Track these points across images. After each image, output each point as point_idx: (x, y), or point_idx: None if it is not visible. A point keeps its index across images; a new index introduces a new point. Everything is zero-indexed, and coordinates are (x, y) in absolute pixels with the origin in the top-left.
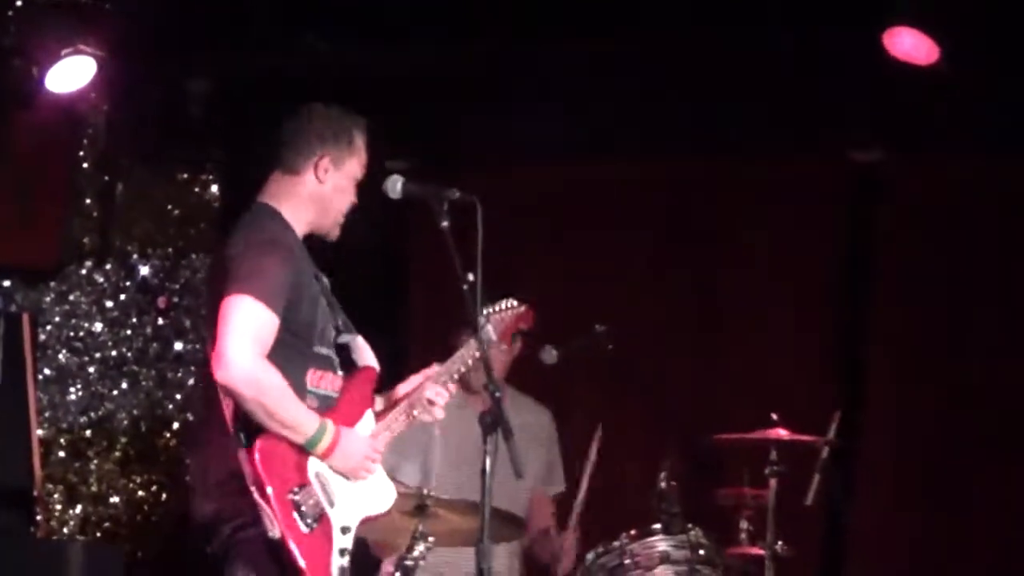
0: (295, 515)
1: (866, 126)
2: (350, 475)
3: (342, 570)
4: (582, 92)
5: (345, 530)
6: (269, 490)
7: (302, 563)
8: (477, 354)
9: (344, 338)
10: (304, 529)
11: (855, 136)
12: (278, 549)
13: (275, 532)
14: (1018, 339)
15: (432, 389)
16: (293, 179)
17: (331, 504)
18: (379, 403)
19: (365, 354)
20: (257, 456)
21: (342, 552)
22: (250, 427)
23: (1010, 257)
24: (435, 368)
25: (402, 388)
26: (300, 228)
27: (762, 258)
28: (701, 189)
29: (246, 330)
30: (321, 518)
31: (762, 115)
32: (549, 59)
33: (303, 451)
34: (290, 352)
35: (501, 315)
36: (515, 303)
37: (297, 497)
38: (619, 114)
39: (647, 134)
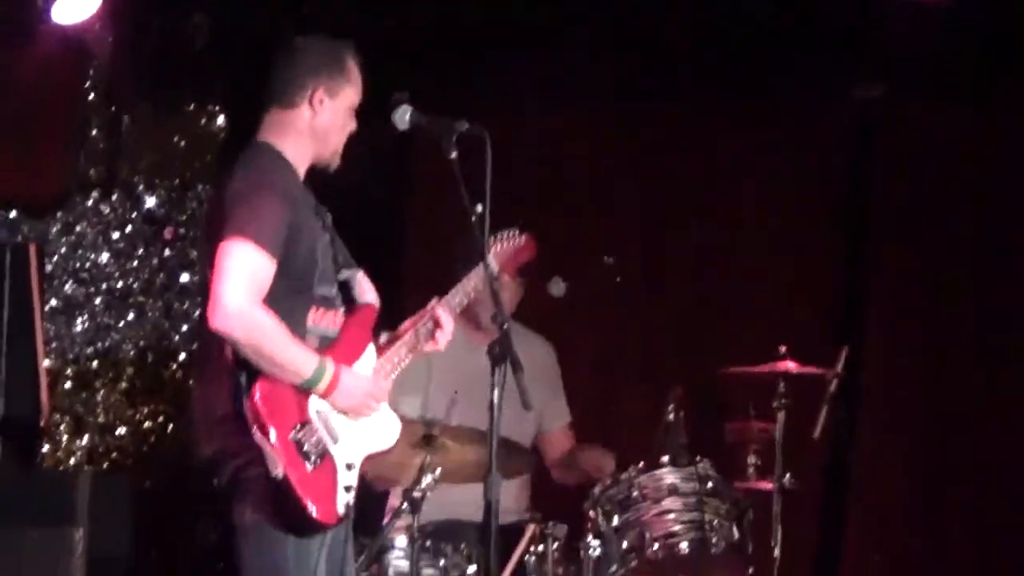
0: (298, 454)
1: (867, 65)
2: (352, 413)
3: (347, 507)
4: (583, 34)
5: (349, 467)
6: (271, 431)
7: (306, 502)
8: (480, 284)
9: (344, 274)
10: (308, 468)
11: (857, 74)
12: (281, 488)
13: (278, 472)
14: (1017, 272)
15: (439, 312)
16: (289, 113)
17: (334, 441)
18: (381, 339)
19: (366, 290)
20: (257, 397)
21: (347, 489)
22: (249, 368)
23: (1009, 193)
24: (435, 301)
25: (404, 326)
26: (301, 163)
27: (770, 192)
28: (702, 127)
29: (241, 276)
30: (324, 456)
31: (763, 52)
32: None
33: (303, 390)
34: (289, 295)
35: (502, 245)
36: (516, 233)
37: (299, 436)
38: (620, 54)
39: (647, 73)
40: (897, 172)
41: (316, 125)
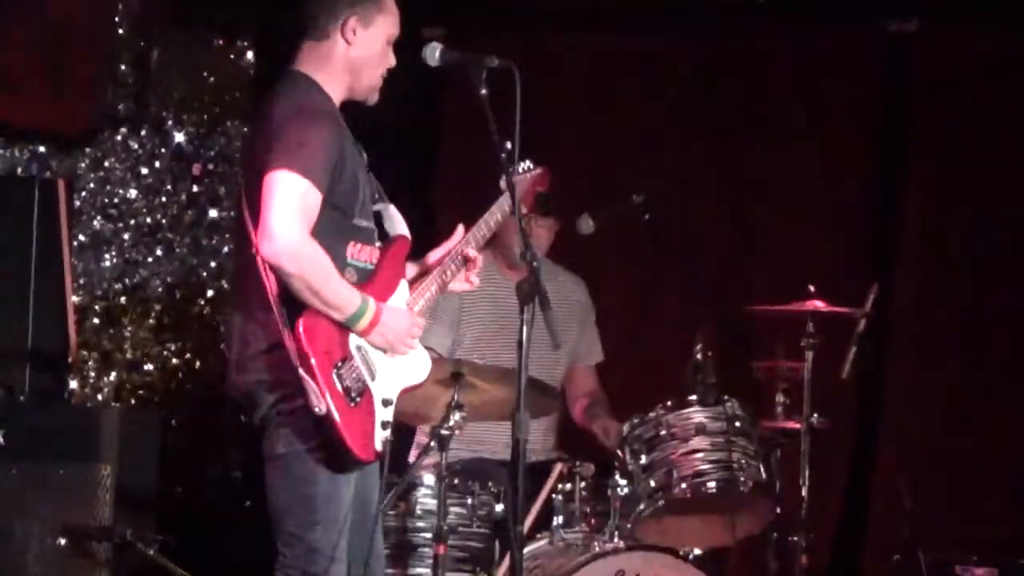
0: (340, 390)
1: None
2: (390, 350)
3: (385, 443)
4: None
5: (387, 403)
6: (315, 364)
7: (347, 438)
8: (503, 216)
9: (377, 206)
10: (350, 404)
11: (884, 3)
12: (322, 424)
13: (321, 407)
14: None
15: (468, 250)
16: (323, 45)
17: (372, 377)
18: (410, 271)
19: (397, 223)
20: (301, 331)
21: (384, 425)
22: (293, 302)
23: None
24: (461, 232)
25: (432, 256)
26: (337, 95)
27: (798, 129)
28: (732, 61)
29: (291, 205)
30: (364, 392)
31: None
32: None
33: (343, 326)
34: (332, 226)
35: (519, 178)
36: (531, 164)
37: (342, 371)
38: None
39: (677, 4)
40: (930, 109)
41: (350, 57)
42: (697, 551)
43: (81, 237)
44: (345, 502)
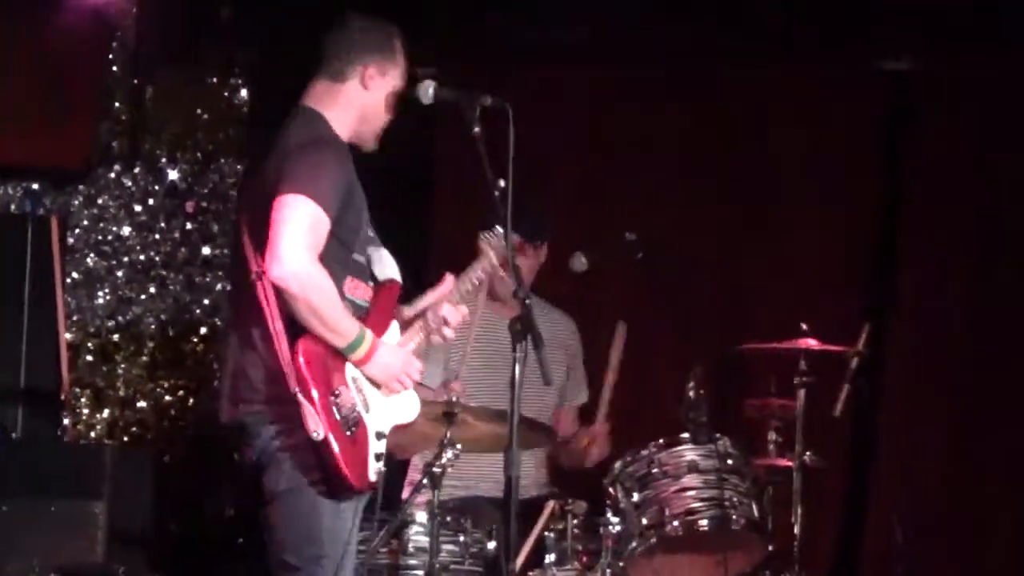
0: (337, 417)
1: (894, 29)
2: (383, 384)
3: (379, 474)
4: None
5: (380, 436)
6: (314, 391)
7: (343, 465)
8: (487, 268)
9: (369, 248)
10: (346, 432)
11: (884, 40)
12: (320, 452)
13: (319, 432)
14: None
15: (447, 308)
16: (338, 87)
17: (366, 409)
18: (403, 313)
19: (388, 266)
20: (301, 357)
21: (378, 457)
22: (293, 329)
23: None
24: (448, 283)
25: (422, 303)
26: (343, 136)
27: (791, 166)
28: (729, 95)
29: (302, 229)
30: (359, 423)
31: (791, 17)
32: None
33: (340, 355)
34: (333, 258)
35: (495, 244)
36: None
37: (338, 400)
38: (648, 17)
39: (674, 36)
40: (928, 147)
41: (364, 102)
42: None
43: (75, 274)
44: (346, 534)
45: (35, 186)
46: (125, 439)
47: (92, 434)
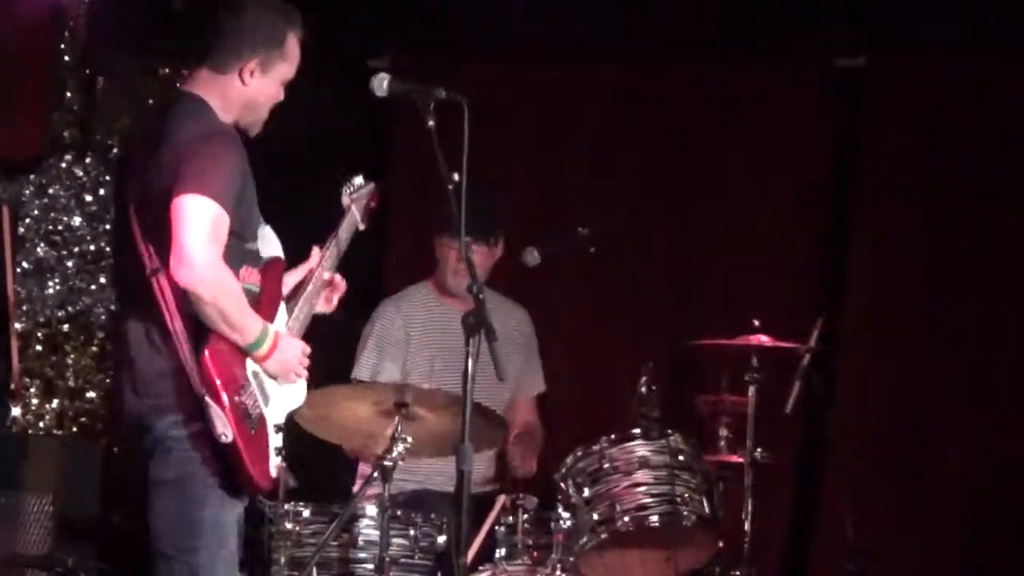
0: (243, 417)
1: (845, 27)
2: (281, 376)
3: (280, 469)
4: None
5: (278, 428)
6: (223, 393)
7: (249, 466)
8: (350, 235)
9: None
10: (250, 430)
11: (835, 38)
12: (225, 451)
13: (228, 435)
14: (998, 241)
15: (327, 275)
16: (220, 77)
17: (266, 403)
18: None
19: (271, 243)
20: (208, 358)
21: (278, 451)
22: (195, 327)
23: (995, 155)
24: (316, 253)
25: (291, 277)
26: (228, 122)
27: (746, 163)
28: (680, 93)
29: (205, 231)
30: (260, 419)
31: (739, 17)
32: None
33: (241, 352)
34: (230, 251)
35: (359, 194)
36: (363, 180)
37: (242, 397)
38: (600, 16)
39: (627, 36)
40: (878, 144)
41: (243, 95)
42: None
43: (24, 264)
44: (230, 528)
45: None
46: (74, 429)
47: (41, 424)
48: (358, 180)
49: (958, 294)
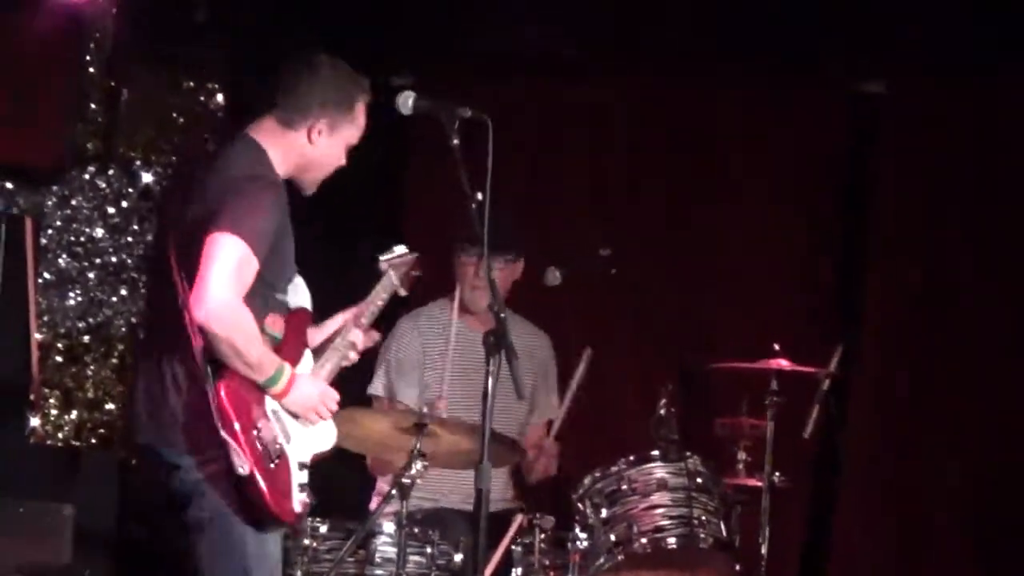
0: (261, 451)
1: (865, 54)
2: (302, 416)
3: (304, 505)
4: (571, 9)
5: (302, 466)
6: (237, 426)
7: (269, 499)
8: (386, 295)
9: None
10: (269, 465)
11: (853, 64)
12: (244, 485)
13: (244, 468)
14: (1016, 270)
15: (355, 333)
16: (285, 131)
17: (287, 440)
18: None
19: (300, 294)
20: (223, 392)
21: (301, 488)
22: (213, 363)
23: (1009, 187)
24: (353, 309)
25: (329, 327)
26: (283, 174)
27: (766, 188)
28: (700, 120)
29: (230, 271)
30: (281, 455)
31: (758, 39)
32: None
33: (260, 389)
34: (258, 298)
35: (399, 262)
36: (405, 249)
37: (260, 434)
38: (615, 34)
39: (643, 54)
40: (897, 169)
41: (308, 154)
42: None
43: (46, 275)
44: (273, 559)
45: (8, 185)
46: (93, 441)
47: (60, 435)
48: (399, 248)
49: (973, 322)
